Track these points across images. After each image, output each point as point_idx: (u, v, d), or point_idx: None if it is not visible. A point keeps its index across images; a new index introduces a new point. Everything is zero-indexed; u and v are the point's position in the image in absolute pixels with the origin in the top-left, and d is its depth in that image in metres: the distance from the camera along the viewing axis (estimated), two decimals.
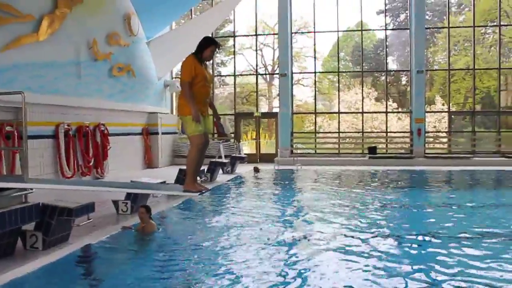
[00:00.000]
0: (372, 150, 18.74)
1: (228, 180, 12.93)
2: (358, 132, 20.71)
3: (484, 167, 16.01)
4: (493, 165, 16.41)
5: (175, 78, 19.70)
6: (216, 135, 18.64)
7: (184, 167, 6.21)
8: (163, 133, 17.62)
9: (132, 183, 7.69)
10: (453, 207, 8.64)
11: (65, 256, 5.22)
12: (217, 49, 5.80)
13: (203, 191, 5.89)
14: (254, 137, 20.86)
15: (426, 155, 18.55)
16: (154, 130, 17.23)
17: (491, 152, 18.63)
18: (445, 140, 20.24)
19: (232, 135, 19.44)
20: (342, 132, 20.83)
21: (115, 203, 7.73)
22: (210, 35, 5.82)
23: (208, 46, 5.67)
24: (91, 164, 12.85)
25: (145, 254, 5.65)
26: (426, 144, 18.97)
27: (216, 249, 5.78)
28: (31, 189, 5.61)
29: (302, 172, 15.46)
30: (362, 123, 20.30)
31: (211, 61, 19.16)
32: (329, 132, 22.46)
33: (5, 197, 5.20)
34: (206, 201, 9.87)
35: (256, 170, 15.43)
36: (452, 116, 20.22)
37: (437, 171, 15.19)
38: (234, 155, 16.07)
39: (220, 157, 15.00)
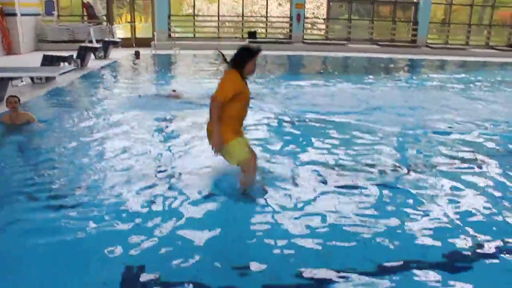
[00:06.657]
0: (252, 34, 18.57)
1: (102, 66, 12.02)
2: (238, 16, 20.20)
3: (357, 53, 16.77)
4: (366, 51, 17.24)
5: None
6: (86, 18, 17.03)
7: (49, 52, 5.42)
8: (22, 15, 15.45)
9: None
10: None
11: None
12: None
13: None
14: (128, 20, 19.37)
15: (304, 40, 18.86)
16: (11, 10, 14.99)
17: (364, 39, 19.46)
18: (323, 26, 20.62)
19: (104, 17, 17.83)
20: (222, 16, 20.16)
21: None
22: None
23: (251, 58, 4.16)
24: None
25: (13, 148, 5.10)
26: (304, 30, 19.20)
27: (85, 143, 5.37)
28: None
29: (181, 56, 14.91)
30: (242, 7, 19.78)
31: None
32: (209, 16, 21.60)
33: None
34: (77, 89, 9.12)
35: (137, 54, 14.37)
36: (331, 3, 20.42)
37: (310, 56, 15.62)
38: (106, 39, 14.84)
39: (90, 41, 13.74)
